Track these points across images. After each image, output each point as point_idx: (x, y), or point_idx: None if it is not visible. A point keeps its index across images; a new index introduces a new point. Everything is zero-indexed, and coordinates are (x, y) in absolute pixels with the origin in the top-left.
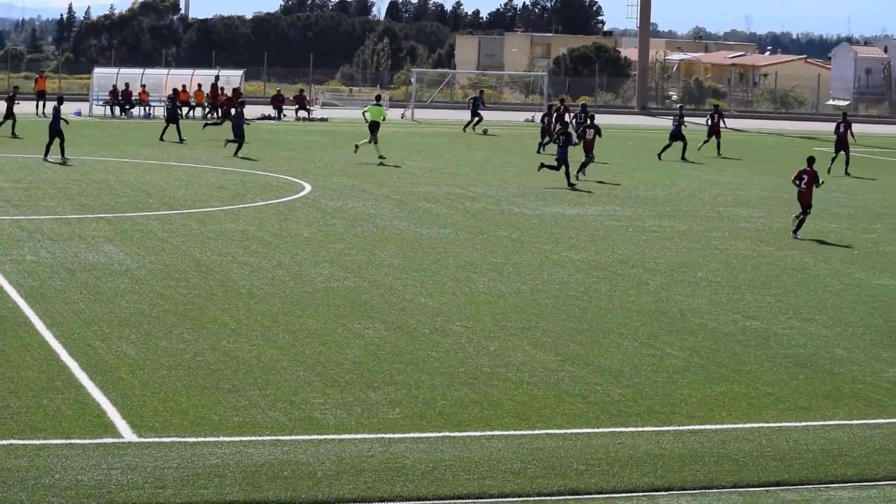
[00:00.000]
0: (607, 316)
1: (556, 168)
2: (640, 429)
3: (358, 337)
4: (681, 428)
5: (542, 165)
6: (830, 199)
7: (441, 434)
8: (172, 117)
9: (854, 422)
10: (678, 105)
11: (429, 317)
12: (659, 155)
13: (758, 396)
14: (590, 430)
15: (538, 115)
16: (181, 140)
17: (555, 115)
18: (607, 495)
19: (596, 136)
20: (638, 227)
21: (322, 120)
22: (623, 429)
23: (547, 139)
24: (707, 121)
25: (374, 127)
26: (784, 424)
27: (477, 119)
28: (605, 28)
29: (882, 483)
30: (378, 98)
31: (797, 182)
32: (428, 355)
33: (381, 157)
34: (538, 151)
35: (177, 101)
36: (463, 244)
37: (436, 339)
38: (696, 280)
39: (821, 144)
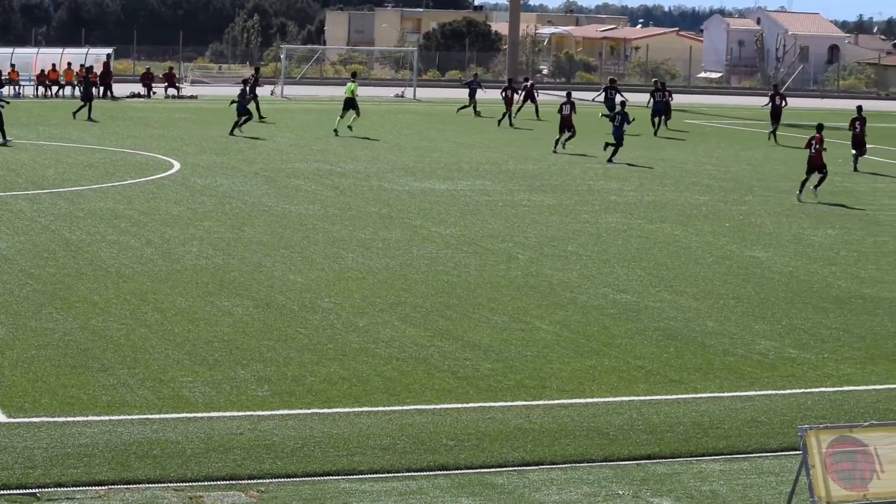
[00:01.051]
0: (477, 291)
1: (619, 145)
2: (509, 403)
3: (226, 314)
4: (551, 402)
5: (608, 145)
6: (701, 172)
7: (310, 411)
8: (87, 95)
9: (725, 394)
10: (654, 80)
11: (297, 293)
12: (655, 133)
13: (628, 370)
14: (459, 405)
15: (408, 91)
16: (89, 117)
17: (522, 91)
18: (477, 470)
19: (572, 112)
20: (508, 201)
21: (191, 97)
22: (493, 403)
23: (511, 112)
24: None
25: (348, 103)
26: (655, 397)
27: (473, 103)
28: (476, 3)
29: (753, 455)
30: (353, 75)
31: (808, 148)
32: (297, 332)
33: (345, 127)
34: (499, 124)
35: (90, 79)
36: (332, 220)
37: (304, 316)
38: (566, 254)
39: (692, 117)
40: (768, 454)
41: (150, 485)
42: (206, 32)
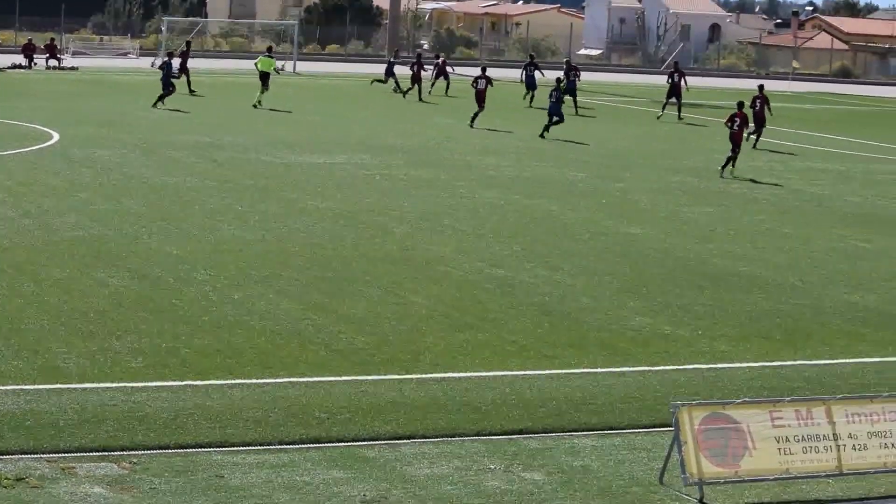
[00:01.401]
0: (352, 264)
1: (560, 121)
2: (383, 377)
3: (102, 286)
4: (424, 376)
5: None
6: (580, 148)
7: (184, 383)
8: None
9: (599, 370)
10: (566, 60)
11: (173, 265)
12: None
13: (502, 344)
14: (333, 379)
15: (288, 64)
16: None
17: (434, 67)
18: (349, 444)
19: (487, 87)
20: (385, 175)
21: (72, 69)
22: (366, 377)
23: (420, 87)
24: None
25: (264, 77)
26: (528, 372)
27: (395, 79)
28: None
29: (626, 431)
30: (269, 49)
31: (730, 125)
32: (172, 304)
33: (258, 102)
34: (404, 95)
35: None
36: (209, 193)
37: (180, 288)
38: (442, 228)
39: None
40: (640, 430)
41: (23, 455)
42: (88, 4)
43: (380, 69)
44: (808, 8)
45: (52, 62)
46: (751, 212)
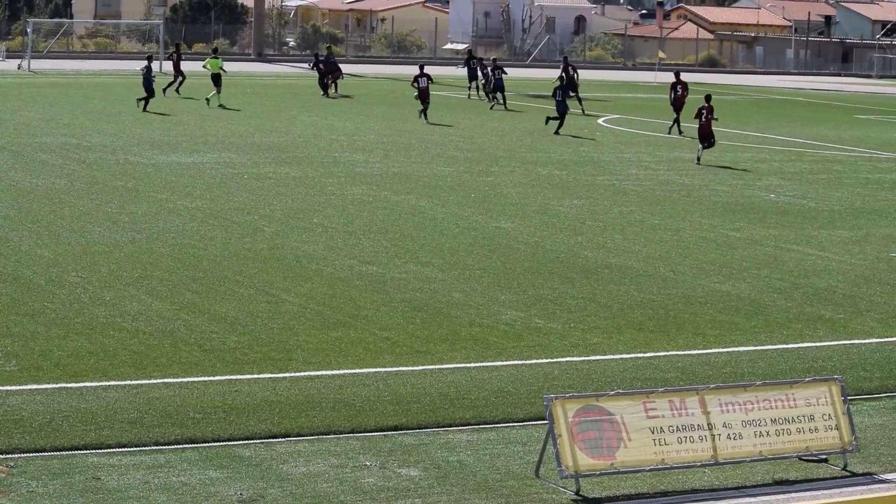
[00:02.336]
0: (223, 263)
1: (560, 119)
2: (256, 376)
3: None
4: (297, 374)
5: (549, 119)
6: (447, 143)
7: (58, 385)
8: None
9: (472, 365)
10: (493, 59)
11: (44, 268)
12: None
13: (374, 341)
14: (206, 378)
15: (155, 64)
16: None
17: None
18: (225, 443)
19: (429, 84)
20: (253, 174)
21: None
22: (239, 376)
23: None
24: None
25: (215, 78)
26: (401, 369)
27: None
28: None
29: (500, 425)
30: (215, 50)
31: (698, 118)
32: (44, 306)
33: (216, 103)
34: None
35: None
36: (78, 194)
37: (52, 290)
38: (311, 226)
39: (438, 88)
40: (515, 424)
41: None
42: None
43: (246, 68)
44: None
45: None
46: (620, 203)
